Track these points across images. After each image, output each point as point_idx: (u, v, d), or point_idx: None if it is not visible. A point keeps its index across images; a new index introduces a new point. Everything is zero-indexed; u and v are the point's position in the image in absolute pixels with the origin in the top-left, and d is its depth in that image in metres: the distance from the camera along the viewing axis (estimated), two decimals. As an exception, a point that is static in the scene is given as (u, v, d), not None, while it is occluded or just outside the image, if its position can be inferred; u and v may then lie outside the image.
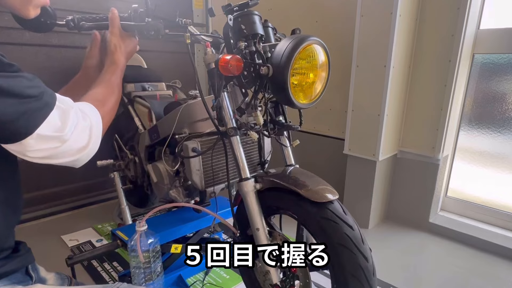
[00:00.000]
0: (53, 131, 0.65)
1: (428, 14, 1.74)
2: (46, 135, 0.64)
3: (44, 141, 0.64)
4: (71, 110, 0.69)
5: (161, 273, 1.22)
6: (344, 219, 0.87)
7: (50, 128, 0.64)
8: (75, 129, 0.69)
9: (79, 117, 0.71)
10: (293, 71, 0.86)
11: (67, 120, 0.67)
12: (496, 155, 1.85)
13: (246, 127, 0.98)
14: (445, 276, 1.58)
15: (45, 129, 0.63)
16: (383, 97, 1.73)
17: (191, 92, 1.43)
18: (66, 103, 0.69)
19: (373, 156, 1.85)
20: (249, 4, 0.92)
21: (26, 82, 0.62)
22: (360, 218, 2.00)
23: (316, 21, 2.12)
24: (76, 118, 0.70)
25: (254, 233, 0.98)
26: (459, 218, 1.98)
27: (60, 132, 0.66)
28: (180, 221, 1.46)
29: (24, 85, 0.61)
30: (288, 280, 0.99)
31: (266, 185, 0.99)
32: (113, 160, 1.82)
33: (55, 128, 0.65)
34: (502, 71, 1.74)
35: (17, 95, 0.60)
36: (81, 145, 0.71)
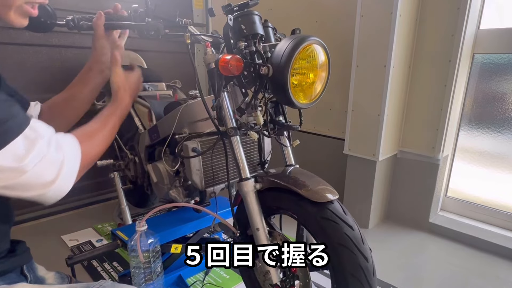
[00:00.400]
0: (10, 161, 0.58)
1: (428, 14, 1.74)
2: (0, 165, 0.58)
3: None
4: (40, 140, 0.62)
5: (161, 273, 1.22)
6: (344, 219, 0.87)
7: (8, 157, 0.58)
8: (40, 161, 0.62)
9: (50, 149, 0.64)
10: (293, 71, 0.86)
11: (31, 150, 0.60)
12: (496, 155, 1.85)
13: (246, 127, 0.98)
14: (445, 276, 1.58)
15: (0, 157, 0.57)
16: (383, 97, 1.73)
17: (191, 92, 1.43)
18: (38, 131, 0.63)
19: (373, 156, 1.85)
20: (249, 4, 0.92)
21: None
22: (360, 218, 2.00)
23: (316, 21, 2.12)
24: (46, 149, 0.63)
25: (254, 233, 0.98)
26: (459, 218, 1.98)
27: (19, 163, 0.59)
28: (180, 221, 1.46)
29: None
30: (288, 280, 0.99)
31: (266, 185, 0.99)
32: (113, 160, 1.82)
33: (14, 157, 0.58)
34: (502, 71, 1.74)
35: None
36: (45, 179, 0.63)
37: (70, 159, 0.68)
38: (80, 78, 1.01)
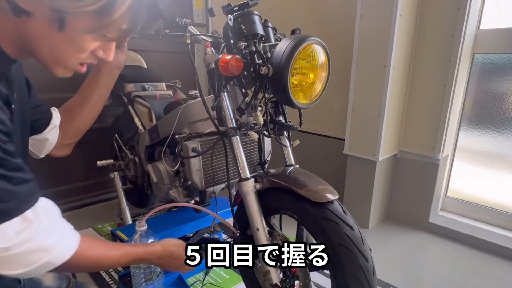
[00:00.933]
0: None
1: (428, 14, 1.74)
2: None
3: None
4: (36, 224, 0.61)
5: (161, 273, 1.22)
6: (344, 219, 0.87)
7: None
8: (27, 244, 0.60)
9: (43, 234, 0.62)
10: (293, 71, 0.86)
11: (22, 232, 0.59)
12: (496, 155, 1.85)
13: (246, 127, 0.98)
14: (445, 276, 1.58)
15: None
16: (383, 97, 1.73)
17: (191, 92, 1.43)
18: (39, 215, 0.61)
19: (373, 156, 1.85)
20: (249, 4, 0.92)
21: (3, 183, 0.56)
22: (360, 218, 2.00)
23: (316, 21, 2.12)
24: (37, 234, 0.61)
25: (254, 233, 0.98)
26: (459, 218, 1.98)
27: (6, 243, 0.57)
28: (180, 221, 1.46)
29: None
30: (288, 280, 0.99)
31: (266, 185, 0.99)
32: (113, 160, 1.82)
33: (3, 237, 0.57)
34: (502, 71, 1.74)
35: None
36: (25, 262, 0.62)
37: (58, 253, 0.65)
38: (90, 81, 1.01)
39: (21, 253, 0.59)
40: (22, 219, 0.59)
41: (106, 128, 1.93)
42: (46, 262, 0.64)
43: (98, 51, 0.68)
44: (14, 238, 0.58)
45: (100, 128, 1.08)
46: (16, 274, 0.61)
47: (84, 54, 0.66)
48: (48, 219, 0.64)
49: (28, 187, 0.60)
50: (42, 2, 0.56)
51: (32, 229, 0.60)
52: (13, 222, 0.57)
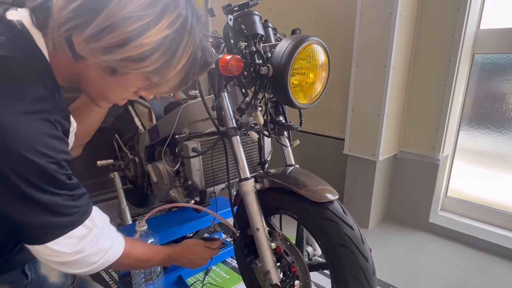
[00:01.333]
0: (68, 246, 0.66)
1: (428, 14, 1.74)
2: (55, 249, 0.64)
3: (52, 252, 0.65)
4: (95, 229, 0.70)
5: (161, 273, 1.22)
6: (344, 219, 0.87)
7: (63, 244, 0.65)
8: (91, 248, 0.70)
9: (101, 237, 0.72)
10: (293, 71, 0.86)
11: (86, 238, 0.68)
12: (496, 155, 1.85)
13: (246, 127, 0.98)
14: (445, 276, 1.58)
15: (56, 243, 0.64)
16: (383, 97, 1.73)
17: (191, 92, 1.43)
18: (95, 221, 0.70)
19: (373, 156, 1.85)
20: (249, 4, 0.92)
21: (67, 201, 0.64)
22: (360, 218, 2.00)
23: (316, 21, 2.12)
24: (97, 237, 0.71)
25: (254, 233, 0.98)
26: (459, 218, 1.98)
27: (74, 247, 0.67)
28: (180, 221, 1.46)
29: (62, 203, 0.63)
30: (288, 280, 0.99)
31: (266, 185, 0.99)
32: (113, 160, 1.82)
33: (68, 244, 0.66)
34: (502, 71, 1.74)
35: (49, 209, 0.61)
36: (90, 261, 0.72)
37: (112, 251, 0.76)
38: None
39: (86, 256, 0.69)
40: (84, 226, 0.68)
41: (106, 128, 1.93)
42: (105, 261, 0.74)
43: (141, 91, 0.71)
44: (79, 243, 0.67)
45: (100, 128, 1.08)
46: (84, 272, 0.72)
47: (128, 93, 0.71)
48: (101, 223, 0.73)
49: (85, 200, 0.69)
50: (100, 58, 0.58)
51: (92, 235, 0.69)
52: (77, 230, 0.66)
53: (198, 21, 0.65)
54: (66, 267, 0.69)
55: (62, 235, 0.64)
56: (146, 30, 0.57)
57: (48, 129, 0.60)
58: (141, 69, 0.61)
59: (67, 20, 0.56)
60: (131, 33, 0.57)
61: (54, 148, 0.60)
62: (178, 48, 0.62)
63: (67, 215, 0.64)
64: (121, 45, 0.57)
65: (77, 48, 0.59)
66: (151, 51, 0.59)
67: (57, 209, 0.62)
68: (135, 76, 0.64)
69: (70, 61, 0.63)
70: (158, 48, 0.59)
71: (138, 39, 0.57)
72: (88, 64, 0.62)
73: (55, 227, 0.63)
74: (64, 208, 0.63)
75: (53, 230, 0.63)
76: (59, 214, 0.63)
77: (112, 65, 0.60)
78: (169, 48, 0.61)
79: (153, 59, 0.60)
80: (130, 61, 0.59)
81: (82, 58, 0.61)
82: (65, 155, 0.63)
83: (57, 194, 0.62)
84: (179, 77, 0.66)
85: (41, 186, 0.59)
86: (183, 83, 0.69)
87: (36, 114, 0.58)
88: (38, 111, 0.58)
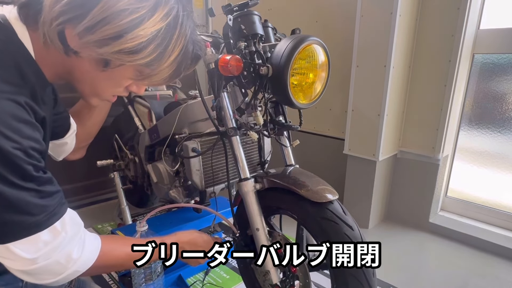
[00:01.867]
0: (28, 252, 0.60)
1: (428, 14, 1.74)
2: (15, 252, 0.59)
3: (12, 256, 0.59)
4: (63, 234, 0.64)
5: (161, 273, 1.22)
6: (344, 219, 0.87)
7: (25, 249, 0.59)
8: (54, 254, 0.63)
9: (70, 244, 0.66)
10: (292, 71, 0.86)
11: (50, 244, 0.62)
12: (496, 155, 1.85)
13: (246, 127, 0.98)
14: (445, 276, 1.58)
15: (18, 246, 0.59)
16: (383, 97, 1.73)
17: (191, 92, 1.43)
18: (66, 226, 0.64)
19: (373, 156, 1.85)
20: (249, 4, 0.92)
21: (34, 198, 0.59)
22: (360, 218, 2.00)
23: (316, 21, 2.12)
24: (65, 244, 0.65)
25: (254, 233, 0.98)
26: (459, 218, 1.98)
27: (34, 254, 0.60)
28: (180, 221, 1.46)
29: (29, 200, 0.58)
30: (288, 280, 0.99)
31: (266, 185, 0.99)
32: (113, 160, 1.82)
33: (30, 250, 0.60)
34: (502, 71, 1.74)
35: (15, 206, 0.57)
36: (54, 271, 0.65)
37: (83, 261, 0.69)
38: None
39: (48, 264, 0.63)
40: (50, 230, 0.62)
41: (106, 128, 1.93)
42: (74, 271, 0.68)
43: (132, 86, 0.72)
44: (42, 248, 0.61)
45: (100, 128, 1.09)
46: (48, 283, 0.65)
47: (120, 89, 0.71)
48: (73, 229, 0.67)
49: (56, 199, 0.64)
50: (96, 50, 0.59)
51: (59, 240, 0.63)
52: (42, 234, 0.60)
53: (189, 16, 0.66)
54: (30, 277, 0.63)
55: (25, 237, 0.59)
56: (141, 23, 0.58)
57: (16, 111, 0.56)
58: (136, 61, 0.61)
59: (60, 14, 0.57)
60: (127, 25, 0.58)
61: (20, 133, 0.56)
62: (171, 40, 0.63)
63: (32, 214, 0.58)
64: (116, 37, 0.58)
65: (69, 42, 0.59)
66: (146, 43, 0.60)
67: (22, 206, 0.57)
68: (128, 69, 0.65)
69: (60, 56, 0.63)
70: (152, 40, 0.60)
71: (133, 31, 0.58)
72: (80, 58, 0.62)
73: (18, 226, 0.58)
74: (28, 205, 0.58)
75: (16, 229, 0.58)
76: (23, 213, 0.57)
77: (106, 57, 0.60)
78: (163, 40, 0.62)
79: (147, 51, 0.61)
80: (125, 53, 0.60)
81: (74, 52, 0.61)
82: (33, 142, 0.58)
83: (22, 188, 0.56)
84: (171, 69, 0.68)
85: (2, 174, 0.54)
86: (175, 75, 0.70)
87: (3, 93, 0.55)
88: (5, 91, 0.56)
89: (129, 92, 0.74)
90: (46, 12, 0.58)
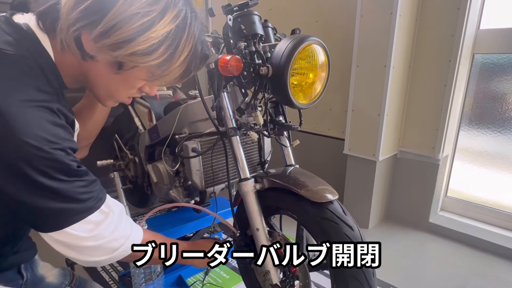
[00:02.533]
0: (84, 231, 0.67)
1: (428, 14, 1.74)
2: (72, 233, 0.66)
3: (69, 236, 0.66)
4: (111, 214, 0.71)
5: (161, 273, 1.22)
6: (344, 219, 0.87)
7: (80, 230, 0.66)
8: (111, 233, 0.71)
9: (121, 222, 0.73)
10: (292, 71, 0.86)
11: (102, 223, 0.69)
12: (496, 155, 1.85)
13: (246, 127, 0.98)
14: (445, 276, 1.58)
15: (73, 229, 0.65)
16: (383, 97, 1.73)
17: (191, 92, 1.43)
18: (111, 206, 0.71)
19: (373, 156, 1.85)
20: (249, 4, 0.92)
21: (80, 188, 0.65)
22: (360, 218, 2.00)
23: (316, 21, 2.12)
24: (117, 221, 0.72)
25: (254, 233, 0.98)
26: (459, 218, 1.98)
27: (90, 233, 0.68)
28: (180, 221, 1.46)
29: (76, 190, 0.64)
30: (288, 280, 0.99)
31: (266, 185, 0.99)
32: (113, 160, 1.81)
33: (85, 230, 0.67)
34: (502, 71, 1.74)
35: (66, 197, 0.63)
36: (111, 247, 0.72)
37: (134, 237, 0.76)
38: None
39: (107, 242, 0.70)
40: (100, 212, 0.69)
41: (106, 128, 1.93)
42: (126, 248, 0.75)
43: (145, 87, 0.75)
44: (95, 228, 0.68)
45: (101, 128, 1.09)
46: (104, 259, 0.72)
47: (133, 90, 0.74)
48: (118, 208, 0.74)
49: (97, 186, 0.70)
50: (110, 53, 0.62)
51: (109, 220, 0.70)
52: (93, 216, 0.67)
53: (196, 17, 0.70)
54: (85, 255, 0.69)
55: (78, 221, 0.65)
56: (152, 25, 0.62)
57: (51, 117, 0.61)
58: (148, 63, 0.64)
59: (76, 21, 0.60)
60: (139, 28, 0.61)
61: (58, 135, 0.61)
62: (181, 41, 0.66)
63: (81, 201, 0.65)
64: (130, 40, 0.61)
65: (85, 47, 0.63)
66: (157, 45, 0.63)
67: (71, 195, 0.63)
68: (141, 70, 0.68)
69: (77, 61, 0.66)
70: (163, 42, 0.64)
71: (145, 33, 0.61)
72: (96, 62, 0.65)
73: (70, 214, 0.64)
74: (77, 194, 0.64)
75: (69, 216, 0.64)
76: (73, 200, 0.64)
77: (121, 60, 0.64)
78: (173, 41, 0.65)
79: (158, 53, 0.64)
80: (138, 55, 0.63)
81: (90, 56, 0.64)
82: (70, 143, 0.64)
83: (68, 181, 0.63)
84: (182, 69, 0.70)
85: (49, 173, 0.60)
86: (185, 74, 0.73)
87: (38, 102, 0.60)
88: (40, 100, 0.61)
89: (142, 93, 0.77)
90: (63, 19, 0.61)
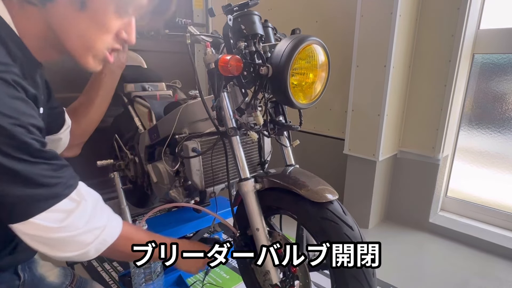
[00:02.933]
0: (53, 221, 0.61)
1: (428, 14, 1.74)
2: (39, 224, 0.59)
3: (36, 227, 0.60)
4: (83, 202, 0.65)
5: (161, 273, 1.22)
6: (344, 219, 0.87)
7: (48, 219, 0.60)
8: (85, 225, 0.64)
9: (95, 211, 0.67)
10: (292, 71, 0.86)
11: (73, 212, 0.63)
12: (496, 155, 1.85)
13: (246, 127, 0.98)
14: (445, 276, 1.58)
15: (41, 218, 0.59)
16: (383, 97, 1.73)
17: (191, 92, 1.43)
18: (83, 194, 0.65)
19: (373, 156, 1.85)
20: (249, 4, 0.92)
21: (46, 171, 0.59)
22: (360, 218, 2.00)
23: (316, 21, 2.12)
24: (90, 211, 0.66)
25: (254, 233, 0.98)
26: (459, 218, 1.98)
27: (60, 223, 0.61)
28: (180, 221, 1.46)
29: (42, 173, 0.59)
30: (288, 280, 0.99)
31: (266, 185, 0.99)
32: (113, 160, 1.82)
33: (54, 219, 0.61)
34: (502, 71, 1.74)
35: (29, 180, 0.57)
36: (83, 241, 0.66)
37: (110, 230, 0.70)
38: (93, 82, 1.03)
39: (79, 234, 0.63)
40: (70, 200, 0.63)
41: (106, 128, 1.93)
42: (102, 240, 0.68)
43: (121, 32, 0.69)
44: (66, 218, 0.62)
45: (100, 128, 1.09)
46: (77, 255, 0.65)
47: (109, 36, 0.68)
48: (91, 197, 0.68)
49: (68, 172, 0.64)
50: None
51: (80, 209, 0.64)
52: (62, 203, 0.61)
53: None
54: (56, 249, 0.63)
55: (45, 210, 0.59)
56: None
57: (7, 89, 0.55)
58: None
59: None
60: None
61: (16, 109, 0.55)
62: None
63: (47, 186, 0.59)
64: None
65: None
66: None
67: (35, 178, 0.58)
68: (105, 2, 0.63)
69: (39, 16, 0.62)
70: None
71: None
72: (57, 3, 0.61)
73: (35, 200, 0.58)
74: (43, 177, 0.59)
75: (35, 202, 0.58)
76: (38, 185, 0.58)
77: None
78: None
79: None
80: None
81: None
82: (32, 119, 0.58)
83: (31, 162, 0.57)
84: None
85: (10, 152, 0.54)
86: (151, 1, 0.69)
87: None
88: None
89: (121, 43, 0.71)
90: None
